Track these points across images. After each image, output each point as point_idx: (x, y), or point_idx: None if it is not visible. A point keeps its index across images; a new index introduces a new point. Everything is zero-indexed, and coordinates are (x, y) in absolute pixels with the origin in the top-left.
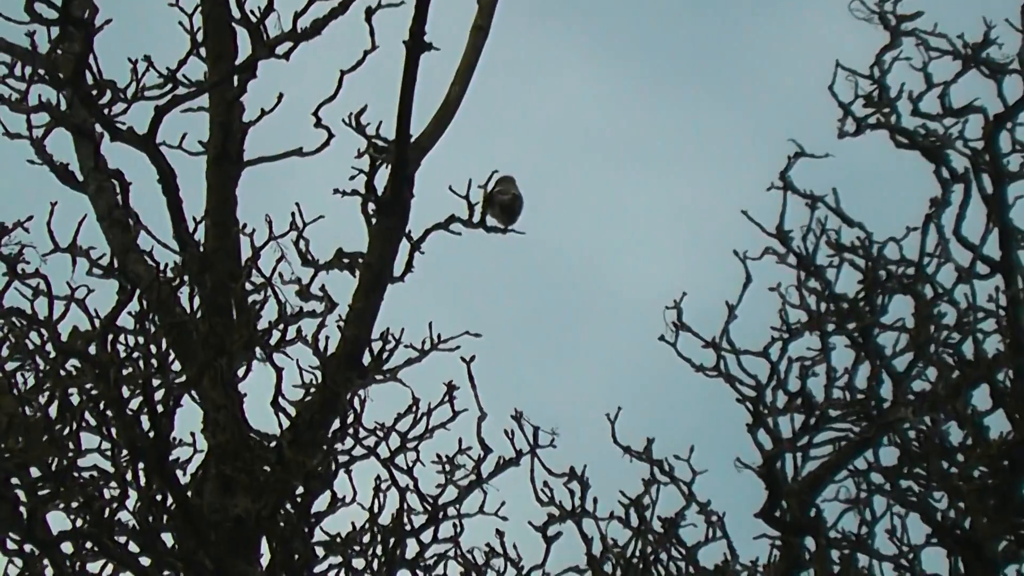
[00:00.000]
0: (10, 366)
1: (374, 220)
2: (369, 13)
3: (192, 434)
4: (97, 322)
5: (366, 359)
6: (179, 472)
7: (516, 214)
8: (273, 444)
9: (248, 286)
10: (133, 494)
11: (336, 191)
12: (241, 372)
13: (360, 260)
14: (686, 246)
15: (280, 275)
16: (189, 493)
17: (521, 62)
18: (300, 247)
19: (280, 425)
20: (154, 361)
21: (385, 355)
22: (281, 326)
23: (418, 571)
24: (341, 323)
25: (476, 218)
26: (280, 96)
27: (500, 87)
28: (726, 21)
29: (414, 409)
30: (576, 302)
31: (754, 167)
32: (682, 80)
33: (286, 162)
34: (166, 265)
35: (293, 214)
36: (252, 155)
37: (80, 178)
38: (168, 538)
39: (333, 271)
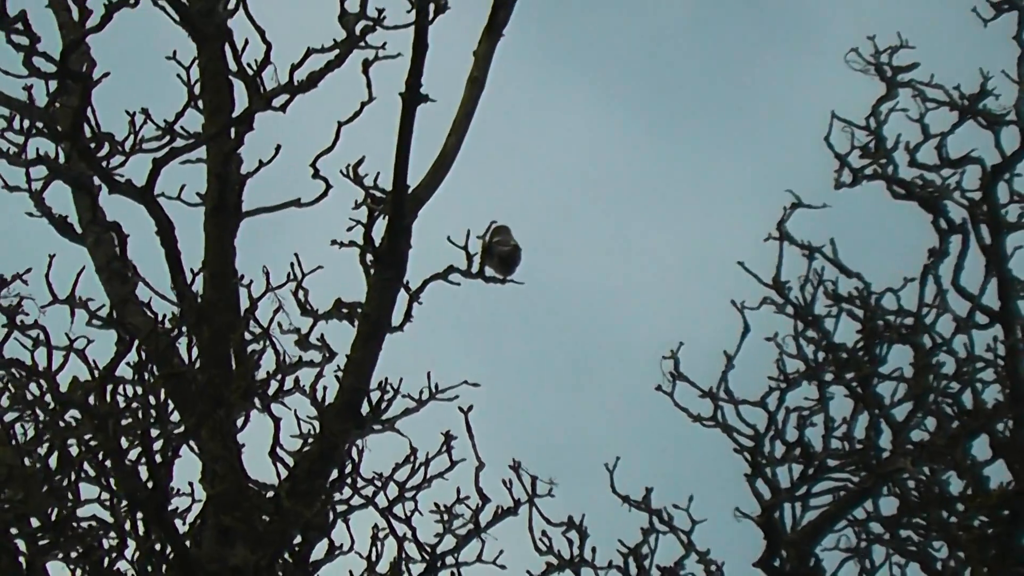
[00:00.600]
0: (9, 417)
1: (372, 271)
2: (366, 65)
3: (191, 484)
4: (96, 373)
5: (365, 409)
6: (178, 522)
7: (515, 265)
8: (271, 494)
9: (247, 335)
10: (132, 544)
11: (334, 242)
12: (240, 422)
13: (358, 310)
14: (687, 294)
15: (279, 325)
16: (188, 543)
17: (520, 111)
18: (299, 297)
19: (278, 475)
20: (152, 412)
21: (384, 405)
22: (279, 376)
23: None
24: (339, 373)
25: (475, 268)
26: (278, 147)
27: (499, 135)
28: (727, 71)
29: (412, 459)
30: (576, 350)
31: (756, 216)
32: (682, 130)
33: (285, 213)
34: (163, 316)
35: (292, 264)
36: (251, 206)
37: (79, 230)
38: None
39: (332, 321)
